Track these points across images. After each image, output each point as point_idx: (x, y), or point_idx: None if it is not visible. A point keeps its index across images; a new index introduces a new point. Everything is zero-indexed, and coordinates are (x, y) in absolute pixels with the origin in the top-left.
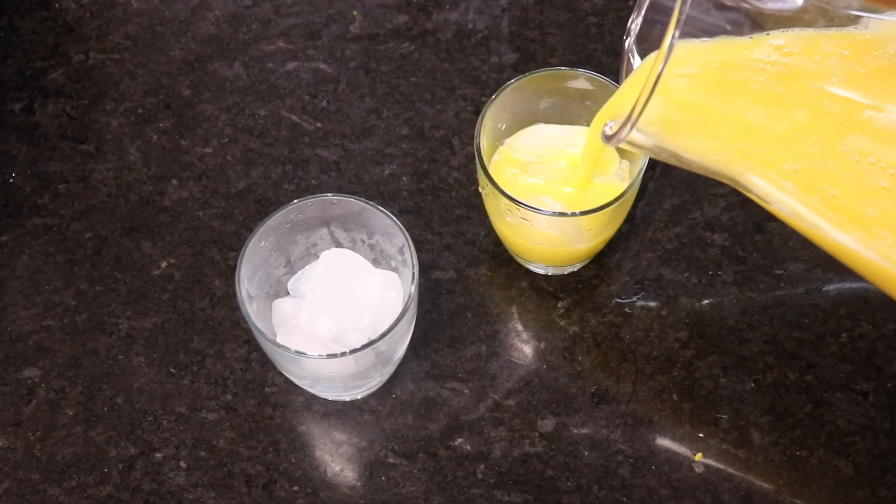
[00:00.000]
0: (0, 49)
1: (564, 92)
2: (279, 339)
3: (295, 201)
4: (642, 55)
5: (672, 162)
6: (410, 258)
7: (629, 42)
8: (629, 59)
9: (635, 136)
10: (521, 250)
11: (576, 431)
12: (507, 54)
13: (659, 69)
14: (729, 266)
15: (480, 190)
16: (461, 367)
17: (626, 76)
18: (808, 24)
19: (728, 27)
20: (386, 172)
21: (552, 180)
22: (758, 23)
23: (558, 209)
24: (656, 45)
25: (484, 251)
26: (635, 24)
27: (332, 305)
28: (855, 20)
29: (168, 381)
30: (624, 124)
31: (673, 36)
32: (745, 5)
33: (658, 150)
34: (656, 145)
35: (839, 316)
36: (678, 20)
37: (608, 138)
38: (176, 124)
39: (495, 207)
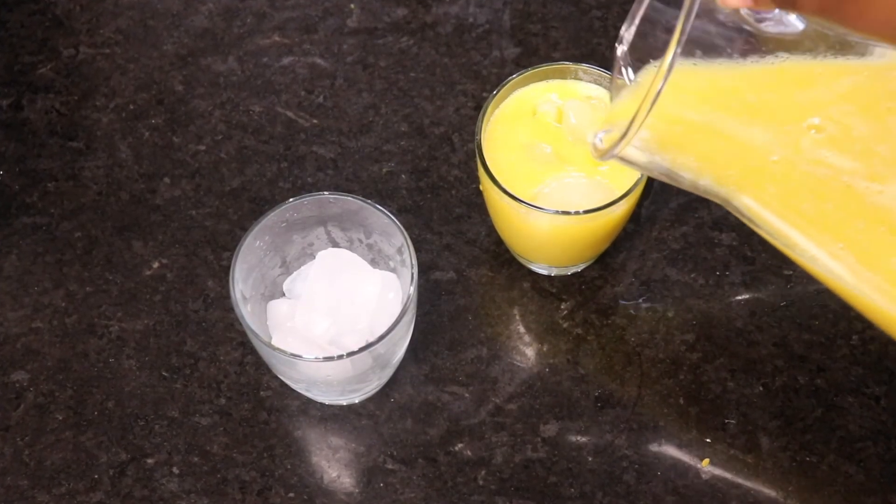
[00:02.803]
0: None
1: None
2: (274, 342)
3: (290, 200)
4: (633, 64)
5: (664, 179)
6: (409, 258)
7: (622, 50)
8: (620, 67)
9: (628, 151)
10: (524, 248)
11: (579, 436)
12: (509, 49)
13: (658, 88)
14: (737, 266)
15: (481, 188)
16: (461, 371)
17: (616, 82)
18: (809, 50)
19: (727, 49)
20: (384, 170)
21: (572, 137)
22: (758, 46)
23: (581, 178)
24: (649, 55)
25: (485, 251)
26: (629, 32)
27: (329, 307)
28: (855, 47)
29: (160, 384)
30: (618, 141)
31: (674, 54)
32: (747, 27)
33: (651, 165)
34: (649, 160)
35: (850, 318)
36: (679, 40)
37: (599, 153)
38: (168, 121)
39: (498, 203)
